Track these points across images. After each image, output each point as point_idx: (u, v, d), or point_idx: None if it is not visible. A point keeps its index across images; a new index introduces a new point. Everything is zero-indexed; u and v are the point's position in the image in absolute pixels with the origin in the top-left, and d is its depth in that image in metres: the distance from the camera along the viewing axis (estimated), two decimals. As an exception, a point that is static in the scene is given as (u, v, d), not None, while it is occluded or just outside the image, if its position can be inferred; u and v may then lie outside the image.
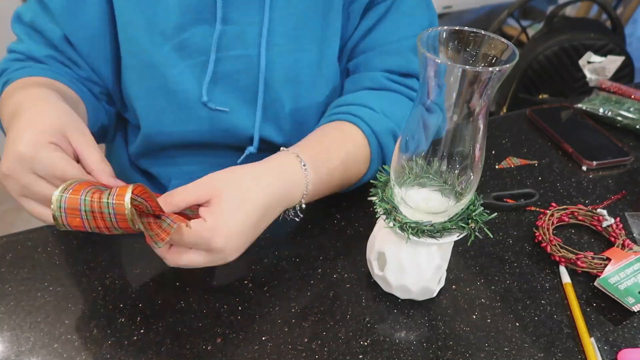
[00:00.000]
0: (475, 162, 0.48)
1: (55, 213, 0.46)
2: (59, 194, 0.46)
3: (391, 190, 0.53)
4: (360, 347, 0.53)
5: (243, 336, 0.53)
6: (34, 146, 0.49)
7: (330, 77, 0.74)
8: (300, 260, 0.62)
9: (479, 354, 0.53)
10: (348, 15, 0.72)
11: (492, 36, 0.45)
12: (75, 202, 0.46)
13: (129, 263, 0.61)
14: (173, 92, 0.68)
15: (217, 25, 0.66)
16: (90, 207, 0.47)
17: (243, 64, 0.69)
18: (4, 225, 1.87)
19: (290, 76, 0.70)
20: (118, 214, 0.46)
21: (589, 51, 1.21)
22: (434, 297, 0.58)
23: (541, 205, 0.71)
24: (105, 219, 0.47)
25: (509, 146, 0.85)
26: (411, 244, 0.52)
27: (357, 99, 0.70)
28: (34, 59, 0.69)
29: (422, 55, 0.43)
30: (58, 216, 0.47)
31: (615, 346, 0.54)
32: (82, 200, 0.47)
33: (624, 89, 0.95)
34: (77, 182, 0.48)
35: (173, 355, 0.52)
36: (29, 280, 0.59)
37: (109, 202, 0.46)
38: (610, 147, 0.83)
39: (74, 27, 0.67)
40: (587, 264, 0.61)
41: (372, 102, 0.69)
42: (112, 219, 0.47)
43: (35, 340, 0.53)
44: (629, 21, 2.09)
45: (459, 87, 0.43)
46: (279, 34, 0.68)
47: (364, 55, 0.74)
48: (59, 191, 0.47)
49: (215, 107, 0.70)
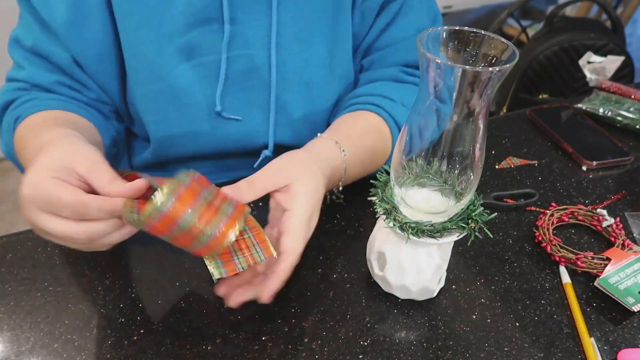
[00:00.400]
0: (475, 162, 0.48)
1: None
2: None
3: (391, 190, 0.53)
4: (360, 347, 0.53)
5: (243, 336, 0.53)
6: (34, 187, 0.46)
7: (342, 76, 0.74)
8: (301, 260, 0.62)
9: (479, 354, 0.53)
10: (363, 13, 0.73)
11: (492, 36, 0.45)
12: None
13: (129, 263, 0.61)
14: (184, 104, 0.68)
15: (225, 28, 0.65)
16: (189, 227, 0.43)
17: (253, 68, 0.68)
18: (4, 225, 1.87)
19: (301, 78, 0.70)
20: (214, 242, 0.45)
21: (589, 51, 1.21)
22: (434, 297, 0.58)
23: (541, 205, 0.71)
24: (194, 244, 0.45)
25: (509, 146, 0.85)
26: (411, 244, 0.52)
27: (375, 90, 0.71)
28: (40, 86, 0.66)
29: (422, 55, 0.43)
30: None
31: (615, 346, 0.54)
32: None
33: (624, 89, 0.95)
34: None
35: (173, 355, 0.52)
36: (29, 280, 0.59)
37: (209, 234, 0.43)
38: (610, 147, 0.83)
39: (80, 46, 0.64)
40: (587, 264, 0.61)
41: (391, 93, 0.71)
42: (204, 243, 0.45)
43: (35, 340, 0.53)
44: (629, 21, 2.09)
45: (459, 87, 0.43)
46: (288, 36, 0.68)
47: (380, 52, 0.75)
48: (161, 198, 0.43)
49: (229, 115, 0.70)
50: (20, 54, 0.66)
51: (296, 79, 0.70)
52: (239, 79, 0.68)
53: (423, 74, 0.45)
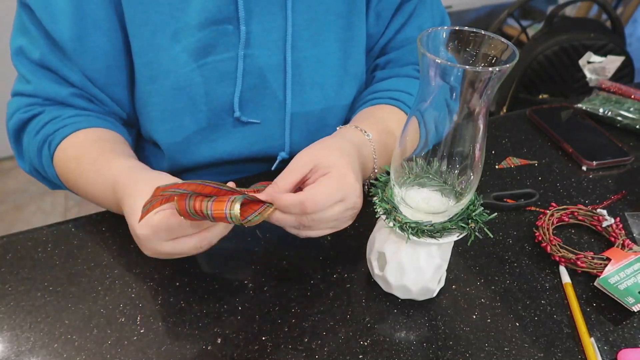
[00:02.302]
0: (475, 162, 0.48)
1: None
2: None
3: (391, 190, 0.53)
4: (360, 347, 0.53)
5: (243, 336, 0.53)
6: (149, 226, 0.50)
7: (356, 76, 0.75)
8: (301, 260, 0.62)
9: (479, 354, 0.53)
10: (378, 14, 0.73)
11: (492, 36, 0.45)
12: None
13: (129, 263, 0.61)
14: (200, 111, 0.67)
15: (241, 29, 0.65)
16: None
17: (269, 69, 0.68)
18: (4, 225, 1.87)
19: (316, 79, 0.71)
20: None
21: (589, 51, 1.21)
22: (434, 297, 0.58)
23: (541, 205, 0.71)
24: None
25: (509, 146, 0.85)
26: (411, 244, 0.52)
27: (393, 86, 0.73)
28: (53, 100, 0.65)
29: (423, 55, 0.43)
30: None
31: (615, 346, 0.54)
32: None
33: (624, 89, 0.95)
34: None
35: (173, 355, 0.52)
36: (29, 280, 0.59)
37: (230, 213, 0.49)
38: (610, 147, 0.83)
39: (88, 59, 0.63)
40: (587, 264, 0.61)
41: (409, 88, 0.72)
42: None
43: (35, 340, 0.53)
44: (629, 21, 2.09)
45: (459, 87, 0.43)
46: (302, 38, 0.68)
47: (396, 52, 0.76)
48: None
49: (248, 119, 0.70)
50: (26, 67, 0.65)
51: (310, 80, 0.70)
52: (255, 81, 0.68)
53: (424, 74, 0.45)
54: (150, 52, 0.64)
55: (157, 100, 0.67)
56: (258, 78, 0.68)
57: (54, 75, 0.65)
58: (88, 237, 0.64)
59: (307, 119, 0.73)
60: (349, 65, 0.72)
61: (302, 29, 0.68)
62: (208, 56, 0.65)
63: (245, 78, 0.68)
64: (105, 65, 0.65)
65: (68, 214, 1.94)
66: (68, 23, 0.61)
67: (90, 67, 0.64)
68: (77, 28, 0.61)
